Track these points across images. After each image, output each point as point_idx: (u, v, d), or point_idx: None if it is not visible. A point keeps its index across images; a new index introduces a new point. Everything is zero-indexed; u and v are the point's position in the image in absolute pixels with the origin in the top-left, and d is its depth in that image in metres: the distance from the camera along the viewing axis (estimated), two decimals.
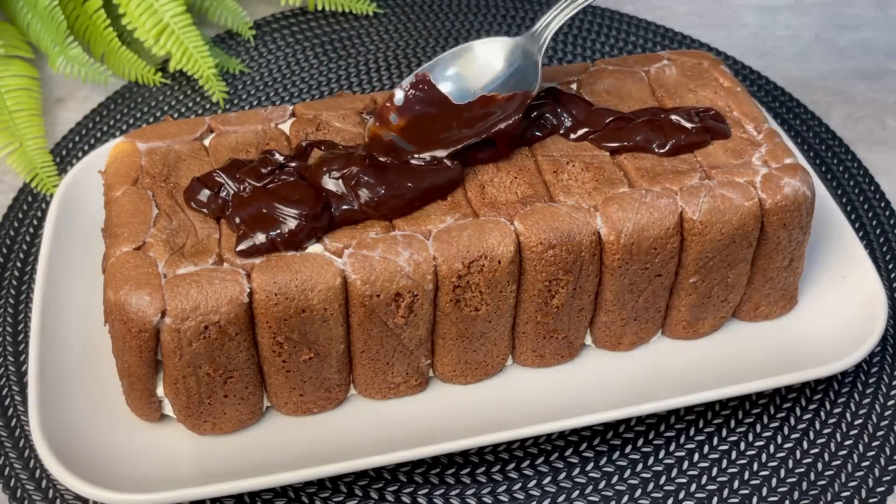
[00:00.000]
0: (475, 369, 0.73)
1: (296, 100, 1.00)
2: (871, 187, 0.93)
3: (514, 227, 0.68)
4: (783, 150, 0.73)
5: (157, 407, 0.68)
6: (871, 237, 0.88)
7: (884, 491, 0.71)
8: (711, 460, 0.73)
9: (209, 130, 0.75)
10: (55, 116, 0.98)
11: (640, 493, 0.71)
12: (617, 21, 1.10)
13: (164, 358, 0.65)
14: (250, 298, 0.64)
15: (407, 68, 1.03)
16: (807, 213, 0.72)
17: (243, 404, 0.69)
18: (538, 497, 0.70)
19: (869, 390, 0.77)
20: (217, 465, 0.68)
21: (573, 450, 0.73)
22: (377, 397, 0.72)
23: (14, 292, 0.81)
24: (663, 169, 0.72)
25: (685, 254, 0.71)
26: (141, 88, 1.00)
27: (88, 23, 1.00)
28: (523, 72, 0.74)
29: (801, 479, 0.72)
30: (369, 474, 0.71)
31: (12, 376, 0.75)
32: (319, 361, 0.68)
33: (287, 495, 0.70)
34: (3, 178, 0.91)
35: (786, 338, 0.77)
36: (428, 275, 0.66)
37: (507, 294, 0.69)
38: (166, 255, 0.65)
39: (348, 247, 0.66)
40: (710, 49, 1.07)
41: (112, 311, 0.64)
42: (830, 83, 1.05)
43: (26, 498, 0.70)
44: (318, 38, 1.07)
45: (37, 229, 0.86)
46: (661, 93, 0.78)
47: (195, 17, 1.02)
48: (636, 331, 0.75)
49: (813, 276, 0.79)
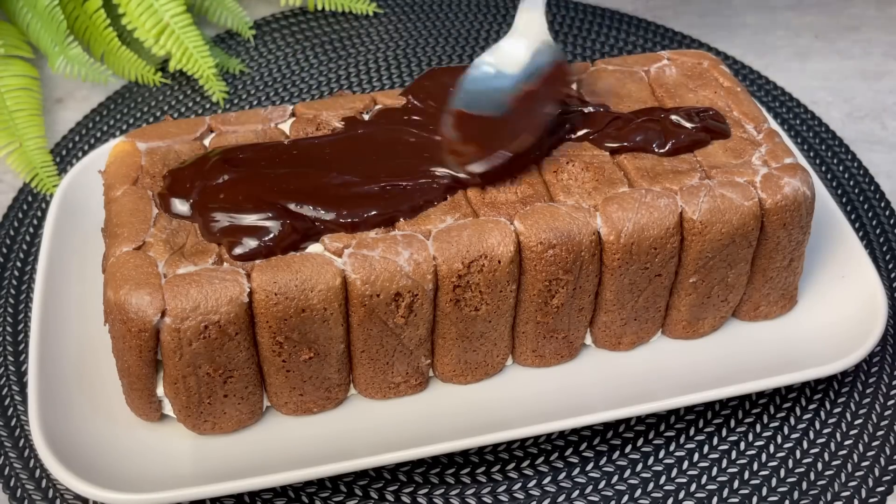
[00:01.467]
0: (475, 369, 0.73)
1: (296, 100, 1.00)
2: (871, 187, 0.93)
3: (514, 226, 0.68)
4: (783, 150, 0.73)
5: (157, 407, 0.68)
6: (871, 237, 0.88)
7: (884, 491, 0.71)
8: (711, 460, 0.73)
9: (209, 130, 0.75)
10: (55, 116, 0.98)
11: (640, 493, 0.71)
12: (617, 21, 1.10)
13: (164, 358, 0.65)
14: (250, 298, 0.64)
15: (407, 68, 1.03)
16: (807, 212, 0.72)
17: (243, 404, 0.69)
18: (538, 497, 0.70)
19: (869, 390, 0.77)
20: (217, 465, 0.68)
21: (573, 450, 0.73)
22: (377, 397, 0.72)
23: (14, 292, 0.81)
24: (663, 169, 0.72)
25: (685, 253, 0.71)
26: (141, 88, 1.00)
27: (88, 23, 1.00)
28: (542, 52, 0.74)
29: (801, 479, 0.72)
30: (369, 474, 0.71)
31: (12, 376, 0.75)
32: (319, 361, 0.68)
33: (287, 495, 0.70)
34: (3, 178, 0.91)
35: (786, 338, 0.77)
36: (428, 274, 0.66)
37: (507, 294, 0.69)
38: (166, 255, 0.65)
39: (348, 246, 0.66)
40: (710, 49, 1.07)
41: (112, 311, 0.64)
42: (830, 83, 1.05)
43: (26, 498, 0.70)
44: (318, 38, 1.07)
45: (37, 229, 0.86)
46: (661, 93, 0.78)
47: (195, 17, 1.02)
48: (636, 331, 0.75)
49: (813, 275, 0.79)
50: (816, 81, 1.05)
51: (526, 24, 0.75)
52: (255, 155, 0.71)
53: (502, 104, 0.73)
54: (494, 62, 0.75)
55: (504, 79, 0.74)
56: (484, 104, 0.73)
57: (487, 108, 0.73)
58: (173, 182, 0.70)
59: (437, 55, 1.05)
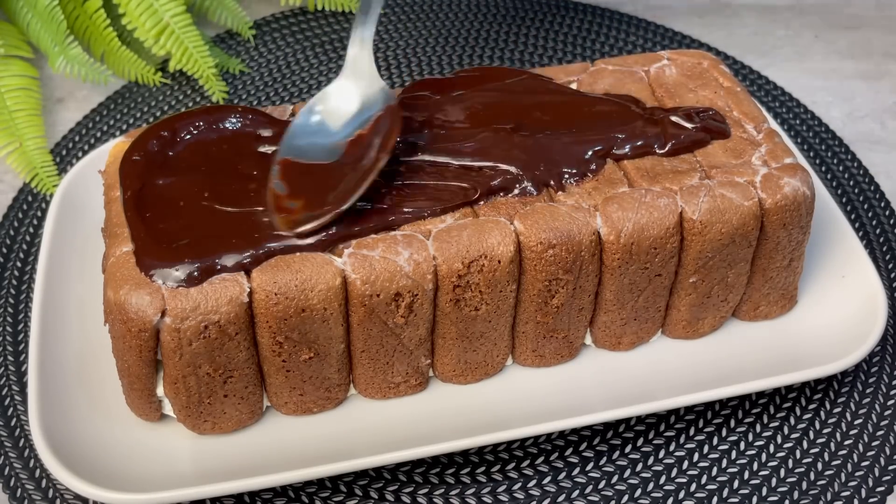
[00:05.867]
0: (475, 369, 0.73)
1: (296, 100, 1.00)
2: (871, 187, 0.93)
3: (514, 226, 0.68)
4: (783, 150, 0.73)
5: (157, 407, 0.69)
6: (871, 237, 0.88)
7: (884, 491, 0.71)
8: (711, 460, 0.73)
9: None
10: (55, 116, 0.98)
11: (640, 493, 0.71)
12: (617, 21, 1.10)
13: (164, 358, 0.65)
14: (250, 298, 0.64)
15: (407, 68, 1.03)
16: (807, 212, 0.72)
17: (243, 404, 0.69)
18: (538, 497, 0.70)
19: (869, 390, 0.77)
20: (217, 465, 0.68)
21: (573, 450, 0.73)
22: (377, 397, 0.72)
23: (14, 292, 0.81)
24: (663, 169, 0.72)
25: (685, 253, 0.71)
26: (141, 88, 1.00)
27: (88, 23, 1.00)
28: (371, 97, 0.72)
29: (801, 479, 0.72)
30: (369, 474, 0.71)
31: (12, 376, 0.75)
32: (319, 361, 0.68)
33: (287, 495, 0.70)
34: (3, 178, 0.91)
35: (786, 338, 0.77)
36: (428, 274, 0.66)
37: (506, 294, 0.69)
38: None
39: (348, 246, 0.66)
40: (710, 49, 1.07)
41: (112, 311, 0.64)
42: (830, 83, 1.05)
43: (26, 498, 0.70)
44: (318, 38, 1.07)
45: (37, 229, 0.86)
46: (661, 93, 0.78)
47: (195, 17, 1.02)
48: (636, 330, 0.75)
49: (813, 275, 0.79)
50: (816, 81, 1.05)
51: (353, 62, 0.73)
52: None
53: (334, 151, 0.70)
54: (324, 109, 0.72)
55: (333, 126, 0.71)
56: (315, 152, 0.70)
57: (319, 156, 0.70)
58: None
59: (437, 55, 1.05)
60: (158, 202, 0.67)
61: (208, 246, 0.64)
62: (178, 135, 0.72)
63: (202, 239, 0.65)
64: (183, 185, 0.68)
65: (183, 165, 0.70)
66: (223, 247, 0.64)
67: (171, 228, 0.66)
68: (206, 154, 0.71)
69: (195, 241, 0.65)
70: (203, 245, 0.64)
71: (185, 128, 0.72)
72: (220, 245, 0.64)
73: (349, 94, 0.72)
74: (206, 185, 0.68)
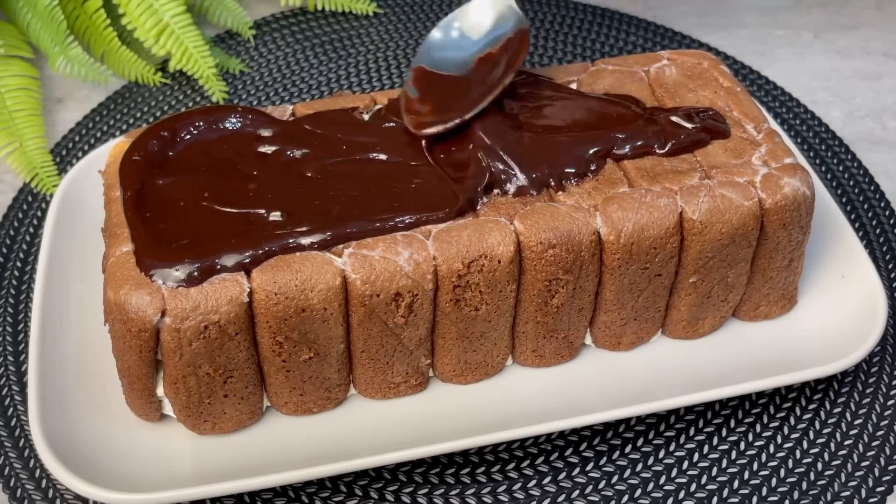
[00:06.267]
0: (475, 369, 0.73)
1: (296, 100, 1.00)
2: (871, 187, 0.93)
3: (514, 226, 0.68)
4: (783, 150, 0.73)
5: (157, 407, 0.69)
6: (871, 237, 0.88)
7: (884, 491, 0.71)
8: (711, 460, 0.73)
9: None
10: (55, 116, 0.98)
11: (640, 493, 0.71)
12: (617, 21, 1.10)
13: (164, 358, 0.65)
14: (250, 298, 0.64)
15: (407, 68, 1.03)
16: (806, 212, 0.72)
17: (243, 404, 0.69)
18: (538, 497, 0.70)
19: (869, 390, 0.77)
20: (217, 465, 0.68)
21: (573, 450, 0.73)
22: (377, 397, 0.72)
23: (14, 292, 0.81)
24: (663, 169, 0.72)
25: (685, 253, 0.71)
26: (141, 88, 1.00)
27: (88, 23, 1.00)
28: (503, 17, 0.77)
29: (801, 479, 0.72)
30: (369, 474, 0.71)
31: (12, 376, 0.75)
32: (319, 361, 0.68)
33: (287, 495, 0.70)
34: (3, 178, 0.91)
35: (786, 338, 0.77)
36: (428, 274, 0.66)
37: (506, 294, 0.69)
38: None
39: (348, 246, 0.66)
40: (710, 49, 1.07)
41: (112, 311, 0.64)
42: (830, 83, 1.05)
43: (26, 498, 0.70)
44: (318, 38, 1.07)
45: (37, 229, 0.86)
46: (661, 93, 0.78)
47: (195, 17, 1.02)
48: (636, 330, 0.75)
49: (813, 275, 0.79)
50: (816, 81, 1.05)
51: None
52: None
53: (465, 65, 0.75)
54: (461, 25, 0.77)
55: (468, 42, 0.76)
56: (447, 64, 0.76)
57: (450, 68, 0.75)
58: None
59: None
60: (158, 202, 0.67)
61: (208, 246, 0.64)
62: (178, 135, 0.72)
63: (202, 239, 0.65)
64: (183, 185, 0.68)
65: (183, 165, 0.70)
66: (223, 247, 0.64)
67: (171, 228, 0.66)
68: (206, 154, 0.71)
69: (195, 241, 0.65)
70: (203, 245, 0.65)
71: (185, 128, 0.72)
72: (220, 245, 0.64)
73: (485, 14, 0.77)
74: (206, 185, 0.68)
